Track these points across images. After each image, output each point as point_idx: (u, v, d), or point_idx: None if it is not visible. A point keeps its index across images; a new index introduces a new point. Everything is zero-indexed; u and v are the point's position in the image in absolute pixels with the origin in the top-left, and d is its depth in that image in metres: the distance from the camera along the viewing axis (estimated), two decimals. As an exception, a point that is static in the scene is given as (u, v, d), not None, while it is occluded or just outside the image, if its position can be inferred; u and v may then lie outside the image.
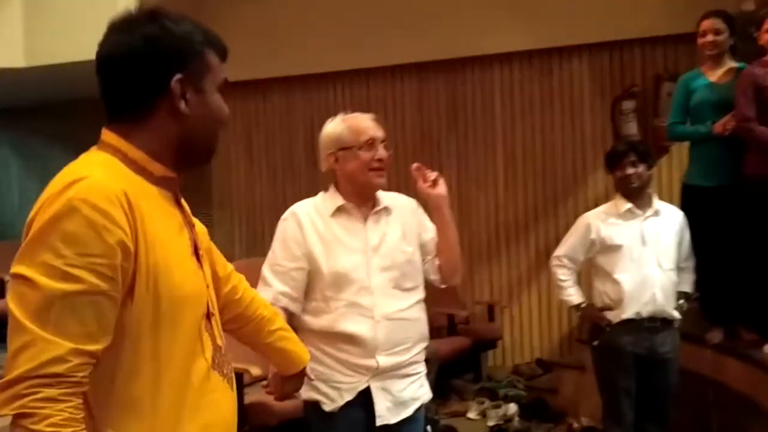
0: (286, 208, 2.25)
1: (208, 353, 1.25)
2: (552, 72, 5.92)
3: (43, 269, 1.05)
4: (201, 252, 1.31)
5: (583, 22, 5.57)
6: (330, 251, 2.11)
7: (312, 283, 2.12)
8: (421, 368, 2.22)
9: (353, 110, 2.27)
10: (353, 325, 2.07)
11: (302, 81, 6.52)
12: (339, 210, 2.16)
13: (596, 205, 3.53)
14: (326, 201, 2.19)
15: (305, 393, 2.10)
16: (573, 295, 3.39)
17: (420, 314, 2.19)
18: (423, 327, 2.21)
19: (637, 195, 3.20)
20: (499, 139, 6.07)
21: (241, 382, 3.52)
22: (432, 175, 2.16)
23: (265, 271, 2.14)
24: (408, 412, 2.14)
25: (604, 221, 3.27)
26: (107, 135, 1.21)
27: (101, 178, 1.11)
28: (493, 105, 6.08)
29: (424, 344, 2.21)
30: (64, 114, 7.08)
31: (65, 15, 5.53)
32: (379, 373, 2.08)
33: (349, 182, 2.16)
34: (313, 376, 1.89)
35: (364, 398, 2.09)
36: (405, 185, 6.27)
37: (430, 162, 6.03)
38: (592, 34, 5.63)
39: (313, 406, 2.12)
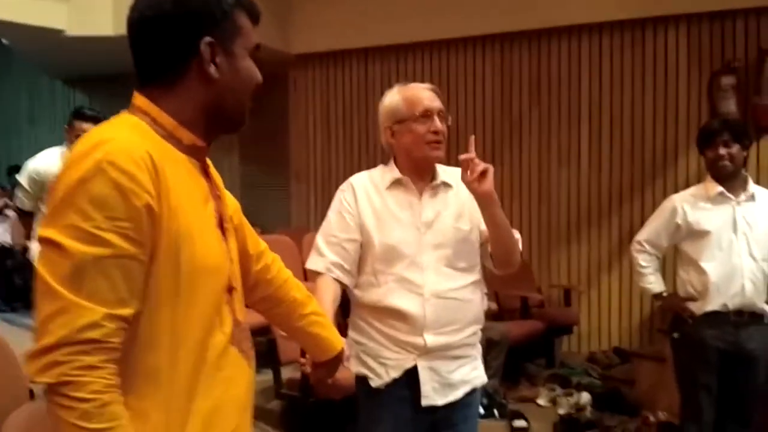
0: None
1: (227, 328, 1.22)
2: (644, 44, 5.56)
3: (73, 232, 1.03)
4: (226, 225, 1.27)
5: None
6: (382, 224, 2.04)
7: (364, 256, 2.06)
8: (475, 351, 2.13)
9: (432, 82, 2.14)
10: (401, 301, 2.00)
11: (381, 52, 6.42)
12: (395, 183, 2.08)
13: (688, 188, 3.26)
14: (384, 174, 2.12)
15: (355, 367, 2.06)
16: (653, 283, 3.19)
17: (474, 296, 2.09)
18: (476, 309, 2.10)
19: (729, 177, 2.94)
20: (584, 114, 5.78)
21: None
22: (480, 167, 1.90)
23: (319, 240, 2.09)
24: (457, 395, 2.06)
25: (693, 205, 3.02)
26: (138, 98, 1.19)
27: (127, 139, 1.09)
28: (579, 78, 5.79)
29: (477, 326, 2.11)
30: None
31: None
32: (427, 352, 2.00)
33: (406, 156, 2.08)
34: (348, 360, 1.79)
35: (411, 378, 2.02)
36: (482, 160, 6.07)
37: (510, 137, 5.93)
38: (690, 4, 5.25)
39: (362, 380, 2.07)
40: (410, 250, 2.01)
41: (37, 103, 8.99)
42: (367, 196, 2.07)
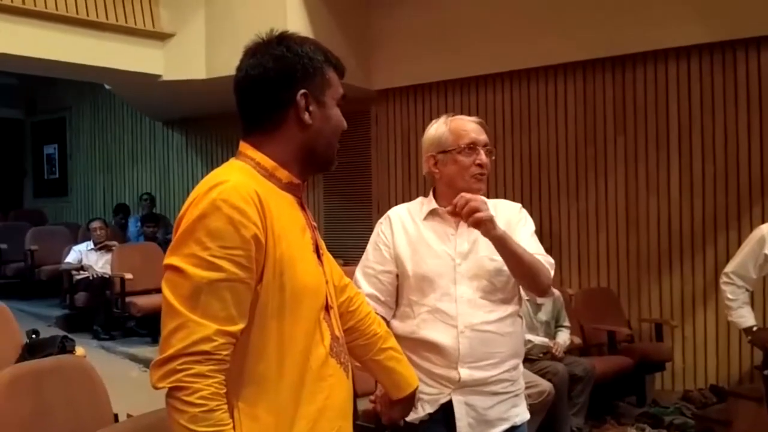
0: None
1: (327, 341, 1.36)
2: (736, 66, 5.31)
3: (192, 260, 1.21)
4: (321, 251, 1.44)
5: (775, 9, 4.95)
6: (416, 254, 2.03)
7: (401, 287, 2.06)
8: (515, 387, 2.06)
9: (513, 113, 2.15)
10: (435, 333, 1.98)
11: (461, 84, 6.44)
12: (432, 213, 2.08)
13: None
14: (422, 205, 2.13)
15: None
16: (743, 317, 3.03)
17: (512, 329, 2.03)
18: (515, 342, 2.05)
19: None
20: (674, 140, 5.55)
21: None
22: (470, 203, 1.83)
23: (357, 272, 2.11)
24: None
25: (782, 234, 2.85)
26: (243, 146, 1.39)
27: (238, 181, 1.27)
28: (667, 104, 5.58)
29: (516, 361, 2.06)
30: (241, 122, 7.61)
31: (241, 31, 5.91)
32: (462, 386, 1.97)
33: (448, 186, 2.07)
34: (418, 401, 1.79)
35: (447, 413, 1.98)
36: (566, 190, 5.86)
37: (595, 165, 5.78)
38: (786, 22, 4.98)
39: None
40: (443, 281, 1.99)
41: (139, 144, 9.56)
42: (402, 227, 2.08)
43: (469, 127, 2.05)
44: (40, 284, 7.80)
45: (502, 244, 1.88)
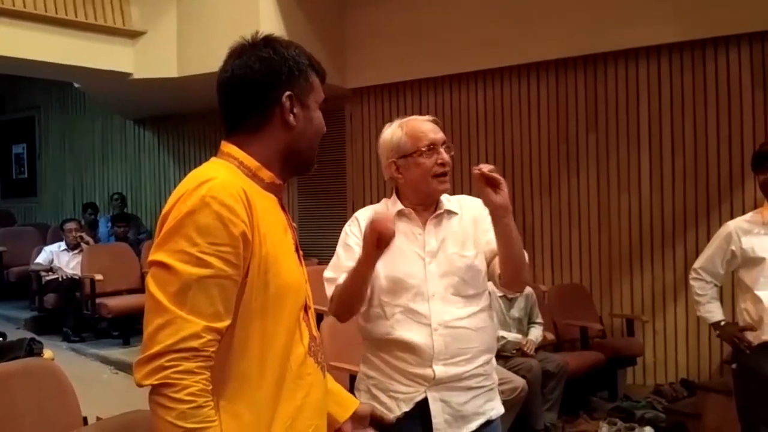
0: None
1: (306, 341, 1.38)
2: (705, 65, 5.38)
3: (181, 256, 1.21)
4: (300, 252, 1.46)
5: (741, 9, 5.02)
6: (386, 256, 2.01)
7: (372, 289, 2.06)
8: (489, 382, 2.08)
9: (486, 111, 2.13)
10: (409, 333, 1.98)
11: (435, 82, 6.46)
12: (398, 215, 2.08)
13: (756, 212, 3.11)
14: (387, 206, 2.13)
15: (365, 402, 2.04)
16: (711, 312, 3.07)
17: (485, 323, 2.05)
18: (488, 337, 2.07)
19: (784, 201, 2.81)
20: (644, 138, 5.61)
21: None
22: (497, 178, 1.85)
23: (327, 273, 2.09)
24: (471, 427, 2.02)
25: (747, 231, 2.92)
26: (226, 146, 1.39)
27: (226, 179, 1.29)
28: (638, 102, 5.64)
29: (489, 356, 2.08)
30: (213, 120, 7.54)
31: (213, 29, 5.86)
32: (437, 383, 1.98)
33: (412, 190, 2.07)
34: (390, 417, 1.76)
35: (423, 410, 1.99)
36: (539, 188, 5.92)
37: (567, 163, 5.82)
38: (752, 23, 5.05)
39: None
40: (415, 281, 2.00)
41: (110, 143, 9.43)
42: None
43: (425, 127, 2.05)
44: (8, 286, 7.69)
45: (509, 231, 1.87)
